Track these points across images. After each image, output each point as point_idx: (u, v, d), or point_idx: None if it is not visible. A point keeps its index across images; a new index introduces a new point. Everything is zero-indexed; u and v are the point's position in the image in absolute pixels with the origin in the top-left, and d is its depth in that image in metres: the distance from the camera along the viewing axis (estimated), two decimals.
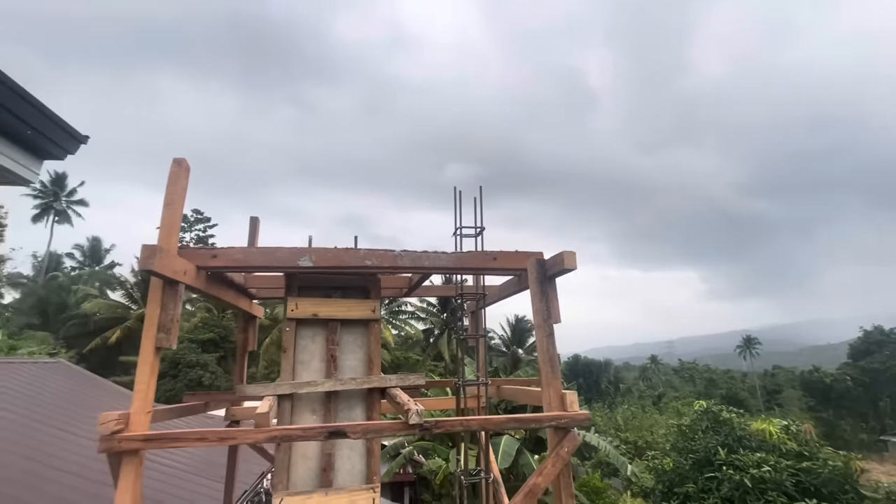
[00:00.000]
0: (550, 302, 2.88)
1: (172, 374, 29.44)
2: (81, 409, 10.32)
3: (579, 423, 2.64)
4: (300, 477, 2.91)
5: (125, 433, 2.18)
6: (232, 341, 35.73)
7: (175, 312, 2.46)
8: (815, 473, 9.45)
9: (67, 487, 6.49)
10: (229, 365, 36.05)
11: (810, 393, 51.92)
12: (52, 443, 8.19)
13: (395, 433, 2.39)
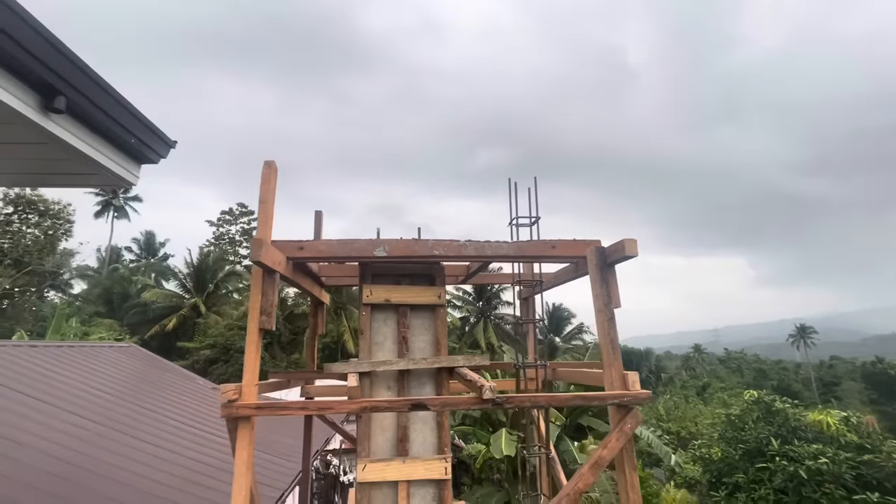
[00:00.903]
0: (611, 287, 3.02)
1: (224, 359, 31.32)
2: (156, 389, 11.30)
3: (641, 401, 2.79)
4: (379, 446, 3.21)
5: (240, 402, 2.53)
6: (277, 329, 37.43)
7: (273, 298, 2.78)
8: (878, 467, 9.10)
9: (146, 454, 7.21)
10: (275, 351, 37.85)
11: (873, 385, 48.98)
12: (136, 417, 9.06)
13: (470, 407, 2.62)
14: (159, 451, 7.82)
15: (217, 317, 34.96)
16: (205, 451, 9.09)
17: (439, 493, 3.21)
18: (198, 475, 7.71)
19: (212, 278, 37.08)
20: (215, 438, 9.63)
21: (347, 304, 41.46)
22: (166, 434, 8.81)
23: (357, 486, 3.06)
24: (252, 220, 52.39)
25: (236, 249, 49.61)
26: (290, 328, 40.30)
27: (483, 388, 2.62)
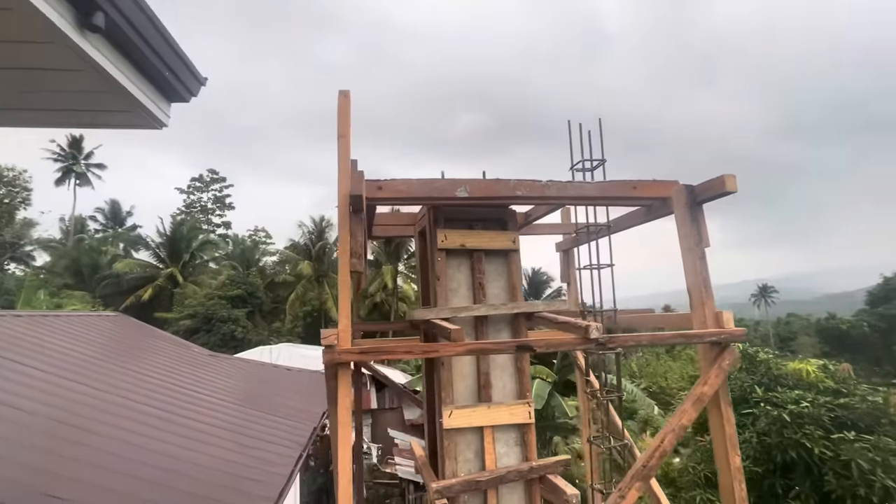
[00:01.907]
0: (701, 227, 2.95)
1: (206, 328, 30.65)
2: (152, 355, 10.92)
3: (738, 339, 2.79)
4: (460, 394, 3.14)
5: (341, 347, 2.37)
6: (258, 297, 36.78)
7: (362, 239, 2.58)
8: (853, 409, 9.69)
9: None
10: (256, 319, 37.28)
11: (825, 339, 52.54)
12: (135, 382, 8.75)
13: (574, 347, 2.55)
14: (160, 413, 7.60)
15: (195, 287, 33.93)
16: (208, 413, 8.91)
17: (521, 436, 3.19)
18: (202, 435, 7.57)
19: (187, 248, 35.74)
20: (219, 403, 9.46)
21: (329, 272, 40.97)
22: (166, 398, 8.57)
23: (444, 433, 3.00)
24: (224, 187, 50.32)
25: (209, 218, 47.78)
26: (272, 297, 39.65)
27: (590, 328, 2.55)
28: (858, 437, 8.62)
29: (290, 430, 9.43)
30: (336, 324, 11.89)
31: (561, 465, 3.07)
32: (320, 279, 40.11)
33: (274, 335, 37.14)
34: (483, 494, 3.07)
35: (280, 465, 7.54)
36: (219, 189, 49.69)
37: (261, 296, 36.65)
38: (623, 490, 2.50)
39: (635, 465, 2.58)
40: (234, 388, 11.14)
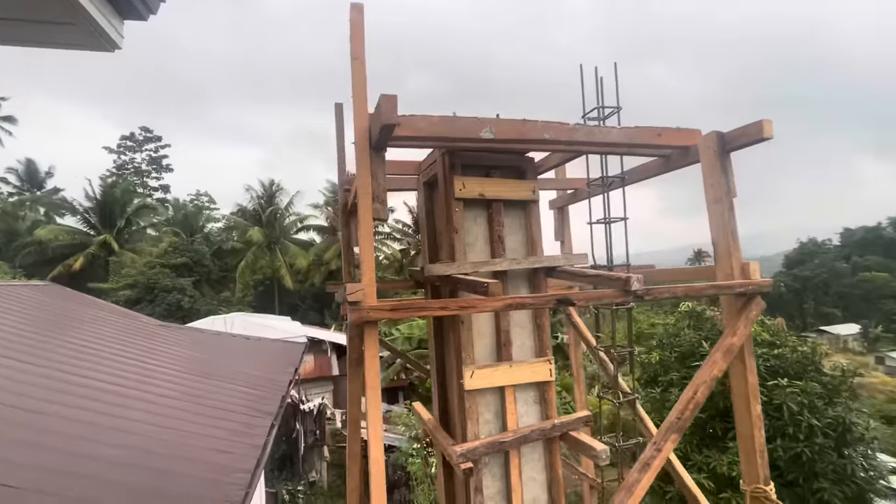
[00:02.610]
0: (730, 176, 2.86)
1: (149, 299, 28.66)
2: (96, 327, 9.95)
3: (764, 289, 2.77)
4: (480, 353, 2.95)
5: (368, 304, 2.07)
6: (205, 265, 34.72)
7: (384, 183, 2.24)
8: (785, 359, 10.57)
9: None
10: (204, 288, 35.34)
11: None
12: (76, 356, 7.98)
13: (614, 300, 2.41)
14: (114, 388, 6.99)
15: (133, 255, 31.39)
16: (167, 385, 8.34)
17: (541, 394, 3.08)
18: (162, 408, 7.08)
19: (121, 213, 32.72)
20: (177, 374, 8.84)
21: (282, 239, 39.28)
22: (118, 371, 7.89)
23: (466, 394, 2.81)
24: (160, 147, 46.09)
25: (145, 181, 43.77)
26: (220, 265, 37.58)
27: (631, 280, 2.40)
28: (790, 384, 9.46)
29: (256, 399, 9.01)
30: (290, 293, 11.60)
31: (582, 421, 3.01)
32: (272, 246, 38.38)
33: (224, 305, 35.45)
34: (504, 455, 2.96)
35: (251, 436, 7.19)
36: (154, 149, 45.49)
37: (208, 264, 34.61)
38: (659, 443, 2.45)
39: (670, 418, 2.53)
40: (191, 358, 10.45)
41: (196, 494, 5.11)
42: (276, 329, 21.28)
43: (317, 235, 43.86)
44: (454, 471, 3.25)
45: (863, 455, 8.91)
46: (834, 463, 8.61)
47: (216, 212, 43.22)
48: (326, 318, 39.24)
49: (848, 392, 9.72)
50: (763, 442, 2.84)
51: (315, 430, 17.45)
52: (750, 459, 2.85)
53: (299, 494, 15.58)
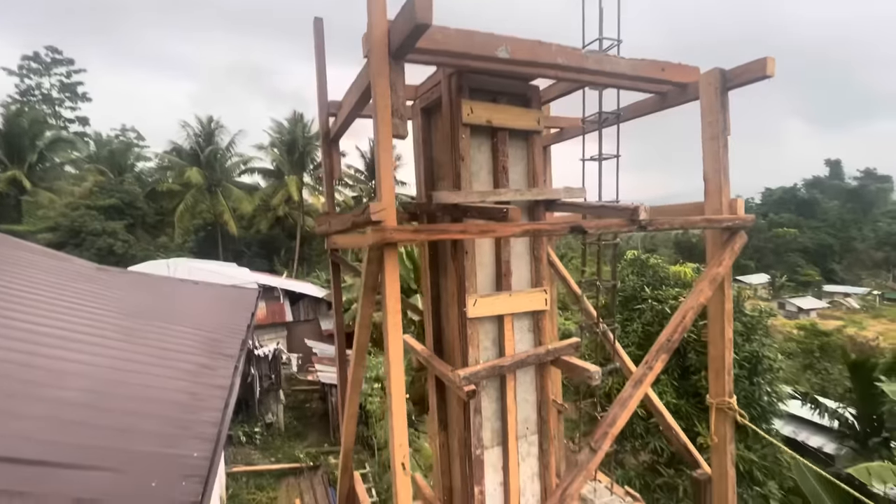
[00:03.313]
0: (727, 114, 2.94)
1: (75, 243, 26.25)
2: (22, 269, 8.99)
3: (747, 224, 2.96)
4: (481, 283, 2.98)
5: (388, 224, 1.98)
6: (139, 207, 32.03)
7: (404, 95, 2.08)
8: None
9: None
10: (139, 233, 32.85)
11: (679, 251, 62.27)
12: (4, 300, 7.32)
13: (621, 229, 2.48)
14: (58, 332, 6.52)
15: (51, 195, 28.23)
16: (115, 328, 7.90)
17: (536, 322, 3.20)
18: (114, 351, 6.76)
19: (31, 146, 28.89)
20: (126, 318, 8.34)
21: (223, 181, 36.72)
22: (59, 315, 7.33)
23: (468, 321, 2.86)
24: (72, 72, 40.30)
25: (57, 110, 38.49)
26: (155, 208, 34.82)
27: (639, 210, 2.47)
28: None
29: (213, 342, 8.75)
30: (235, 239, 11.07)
31: (572, 347, 3.18)
32: (213, 189, 35.87)
33: (161, 251, 33.23)
34: (500, 378, 3.09)
35: (214, 377, 7.03)
36: (65, 74, 39.76)
37: (141, 206, 31.95)
38: (650, 362, 2.66)
39: (660, 339, 2.73)
40: (138, 302, 9.85)
41: (166, 433, 4.99)
42: (223, 275, 20.38)
43: (262, 179, 41.33)
44: (447, 396, 3.37)
45: (768, 383, 10.25)
46: (746, 389, 9.89)
47: (146, 150, 39.32)
48: (276, 266, 38.05)
49: (763, 330, 10.97)
50: (731, 362, 3.16)
51: (270, 375, 17.40)
52: (718, 377, 3.18)
53: (256, 435, 15.73)
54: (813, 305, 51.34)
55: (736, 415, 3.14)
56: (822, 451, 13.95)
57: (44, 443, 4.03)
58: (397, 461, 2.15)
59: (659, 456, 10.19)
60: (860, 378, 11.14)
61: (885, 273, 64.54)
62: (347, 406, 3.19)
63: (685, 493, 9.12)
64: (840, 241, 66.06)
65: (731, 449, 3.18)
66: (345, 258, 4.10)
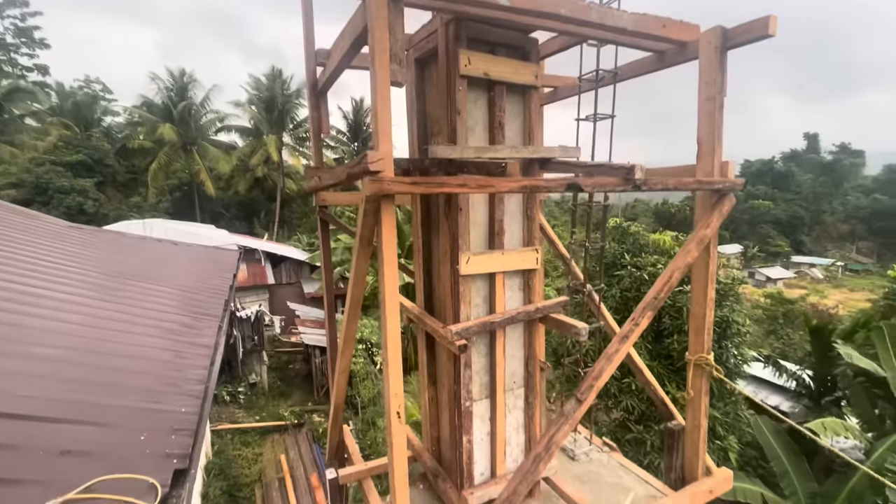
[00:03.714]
0: (726, 74, 2.92)
1: (42, 201, 25.15)
2: None
3: (737, 188, 3.01)
4: (474, 241, 2.98)
5: (386, 175, 1.94)
6: (109, 165, 30.64)
7: (403, 40, 1.99)
8: (690, 268, 12.07)
9: None
10: (110, 191, 31.61)
11: (658, 220, 63.49)
12: None
13: (616, 188, 2.48)
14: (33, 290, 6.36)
15: (13, 149, 26.70)
16: (94, 287, 7.73)
17: (526, 280, 3.24)
18: (94, 310, 6.66)
19: None
20: (103, 277, 8.14)
21: (199, 139, 35.24)
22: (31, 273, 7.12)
23: (461, 278, 2.87)
24: (27, 14, 37.14)
25: (13, 57, 35.65)
26: (126, 165, 33.39)
27: (635, 168, 2.48)
28: (692, 290, 10.89)
29: (195, 303, 8.67)
30: (213, 201, 10.79)
31: (560, 305, 3.25)
32: (188, 147, 34.44)
33: (135, 210, 32.14)
34: (490, 334, 3.16)
35: (199, 336, 7.00)
36: (19, 16, 36.63)
37: (112, 164, 30.59)
38: (637, 319, 2.74)
39: (647, 297, 2.81)
40: (115, 261, 9.61)
41: (151, 389, 4.99)
42: (201, 237, 19.91)
43: (239, 138, 39.80)
44: (437, 352, 3.43)
45: (735, 346, 10.78)
46: (714, 352, 10.40)
47: (114, 103, 37.16)
48: (256, 228, 37.32)
49: (734, 297, 11.42)
50: (711, 321, 3.29)
51: (253, 337, 17.42)
52: (698, 335, 3.32)
53: (240, 395, 15.91)
54: (780, 275, 53.53)
55: (712, 370, 3.30)
56: (778, 409, 14.92)
57: (27, 398, 3.98)
58: (393, 410, 2.20)
59: (630, 414, 10.74)
60: (819, 342, 11.79)
61: (849, 245, 67.39)
62: (339, 361, 3.23)
63: (652, 447, 9.67)
64: (811, 214, 68.30)
65: (704, 401, 3.37)
66: (333, 215, 4.03)
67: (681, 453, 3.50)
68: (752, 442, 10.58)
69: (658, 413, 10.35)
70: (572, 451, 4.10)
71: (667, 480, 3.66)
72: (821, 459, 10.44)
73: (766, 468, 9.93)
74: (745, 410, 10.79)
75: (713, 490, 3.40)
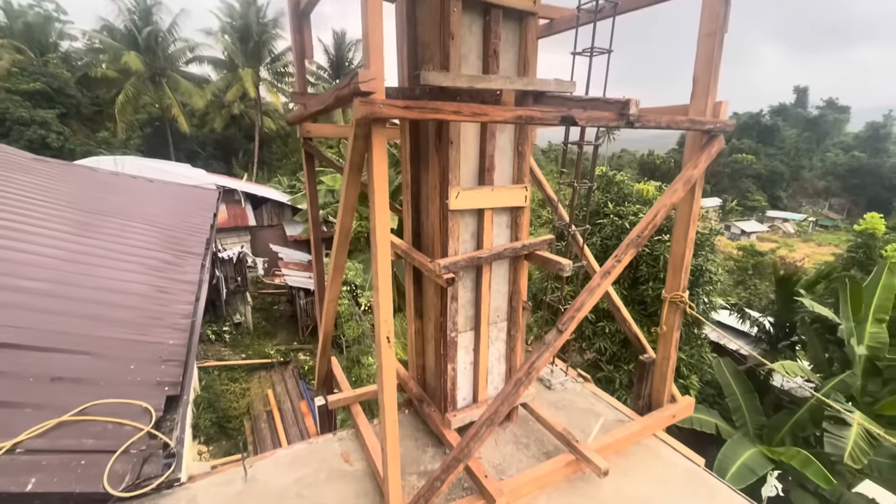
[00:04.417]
0: (729, 8, 2.83)
1: None
2: None
3: (728, 129, 3.01)
4: (464, 176, 2.96)
5: (378, 97, 1.88)
6: (71, 95, 28.64)
7: None
8: (670, 218, 12.33)
9: None
10: (74, 125, 29.81)
11: (642, 171, 63.60)
12: None
13: (610, 123, 2.47)
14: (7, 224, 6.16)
15: None
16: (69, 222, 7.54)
17: (514, 218, 3.28)
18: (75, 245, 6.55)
19: None
20: (78, 213, 7.89)
21: (168, 70, 32.96)
22: None
23: (449, 213, 2.89)
24: None
25: None
26: (90, 97, 31.27)
27: (630, 103, 2.45)
28: (671, 239, 11.20)
29: (176, 240, 8.55)
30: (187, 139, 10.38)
31: (546, 242, 3.32)
32: (157, 79, 32.26)
33: (104, 146, 30.56)
34: (476, 270, 3.23)
35: (182, 273, 6.96)
36: None
37: (74, 94, 28.60)
38: (619, 255, 2.83)
39: (631, 235, 2.89)
40: (90, 196, 9.27)
41: (137, 322, 5.02)
42: (177, 175, 19.22)
43: (213, 71, 37.33)
44: (424, 286, 3.51)
45: (706, 294, 11.28)
46: None
47: (70, 26, 34.02)
48: (234, 169, 36.08)
49: (710, 247, 11.79)
50: (689, 261, 3.42)
51: (236, 278, 17.40)
52: (676, 273, 3.46)
53: (225, 334, 16.14)
54: (755, 229, 55.18)
55: (685, 307, 3.47)
56: (738, 352, 15.98)
57: (13, 328, 3.97)
58: (382, 335, 2.28)
59: (602, 355, 11.34)
60: (783, 291, 12.43)
61: (822, 202, 69.30)
62: (329, 291, 3.28)
63: (620, 385, 10.33)
64: (791, 170, 69.32)
65: (675, 336, 3.58)
66: (320, 148, 3.92)
67: (650, 383, 3.77)
68: (711, 381, 11.39)
69: (627, 354, 11.00)
70: (549, 381, 4.37)
71: (634, 407, 3.96)
72: (771, 397, 11.37)
73: (721, 405, 10.77)
74: (708, 353, 11.52)
75: (676, 415, 3.70)
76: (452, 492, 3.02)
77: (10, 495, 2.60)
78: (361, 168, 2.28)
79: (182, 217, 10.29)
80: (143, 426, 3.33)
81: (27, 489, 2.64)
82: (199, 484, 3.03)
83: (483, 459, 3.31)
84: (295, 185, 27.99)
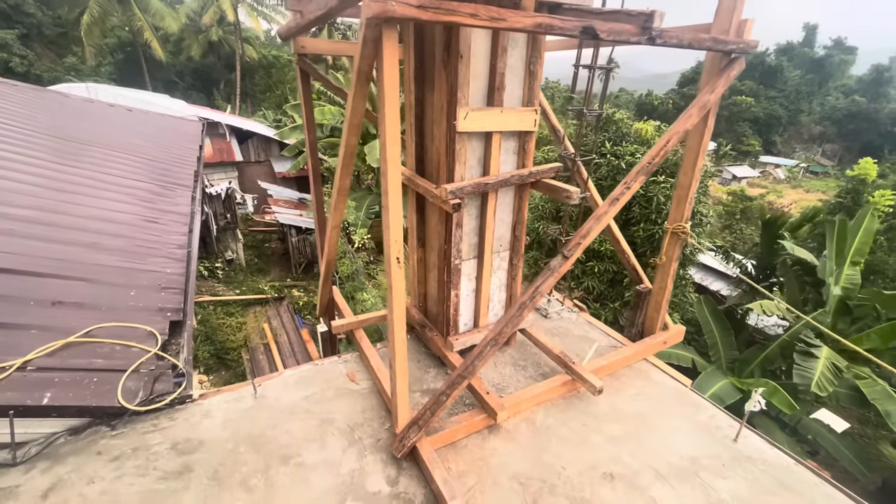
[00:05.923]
0: None
1: None
2: None
3: (750, 50, 2.87)
4: (472, 96, 2.82)
5: None
6: (30, 13, 26.29)
7: None
8: (666, 160, 12.17)
9: None
10: (38, 48, 27.70)
11: (640, 112, 62.05)
12: None
13: (630, 36, 2.32)
14: None
15: None
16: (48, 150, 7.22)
17: (522, 144, 3.18)
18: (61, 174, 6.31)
19: None
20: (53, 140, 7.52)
21: None
22: None
23: (457, 136, 2.78)
24: None
25: None
26: (53, 17, 28.79)
27: (653, 15, 2.29)
28: (665, 181, 11.18)
29: (161, 172, 8.29)
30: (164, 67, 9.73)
31: (553, 170, 3.25)
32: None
33: (72, 73, 28.62)
34: (482, 197, 3.18)
35: (171, 204, 6.80)
36: None
37: (34, 13, 26.24)
38: (629, 182, 2.80)
39: (642, 161, 2.83)
40: (69, 125, 8.81)
41: (133, 251, 4.96)
42: (155, 106, 18.20)
43: None
44: (427, 214, 3.47)
45: (696, 235, 11.44)
46: None
47: None
48: (217, 100, 34.28)
49: (702, 189, 11.79)
50: (694, 192, 3.41)
51: (226, 214, 17.12)
52: (680, 204, 3.45)
53: (218, 270, 16.16)
54: (746, 174, 55.14)
55: (687, 237, 3.51)
56: (719, 293, 16.56)
57: (9, 254, 3.89)
58: (392, 255, 2.27)
59: (589, 294, 11.66)
60: (768, 234, 12.69)
61: (815, 147, 68.89)
62: (332, 217, 3.23)
63: (606, 321, 10.73)
64: (790, 114, 68.08)
65: (673, 267, 3.65)
66: (315, 67, 3.68)
67: (644, 311, 3.90)
68: (691, 319, 11.88)
69: (613, 293, 11.32)
70: (546, 310, 4.49)
71: (627, 335, 4.13)
72: (745, 335, 11.96)
73: (698, 342, 11.32)
74: (691, 293, 11.91)
75: (667, 341, 3.87)
76: (455, 407, 3.18)
77: (26, 408, 2.67)
78: (370, 76, 2.14)
79: (166, 149, 9.88)
80: (151, 348, 3.38)
81: (43, 402, 2.71)
82: (212, 400, 3.14)
83: (483, 379, 3.46)
84: (281, 119, 26.82)
